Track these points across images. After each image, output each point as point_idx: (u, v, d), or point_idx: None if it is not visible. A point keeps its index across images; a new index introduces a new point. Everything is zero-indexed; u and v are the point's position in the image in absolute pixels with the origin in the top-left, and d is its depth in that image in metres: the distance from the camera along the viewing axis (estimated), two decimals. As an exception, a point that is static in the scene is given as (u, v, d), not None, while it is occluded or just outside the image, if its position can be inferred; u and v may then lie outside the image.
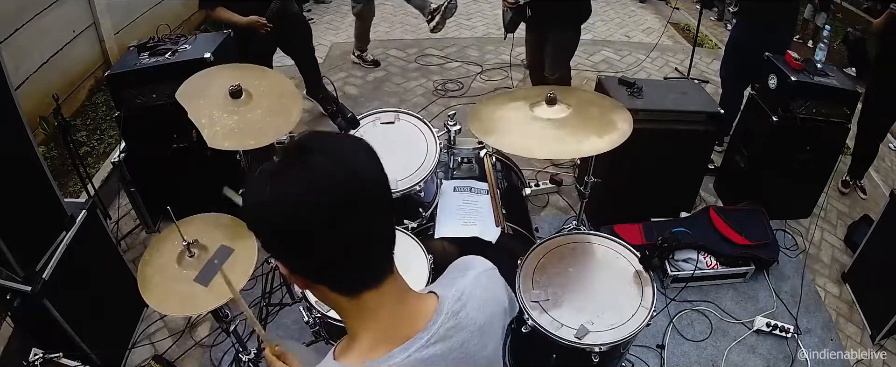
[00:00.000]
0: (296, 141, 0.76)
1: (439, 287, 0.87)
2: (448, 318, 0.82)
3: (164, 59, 2.66)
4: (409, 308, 0.82)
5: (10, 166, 1.95)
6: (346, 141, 0.79)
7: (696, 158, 3.01)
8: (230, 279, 1.03)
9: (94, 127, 3.93)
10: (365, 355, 0.77)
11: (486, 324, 0.88)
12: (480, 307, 0.88)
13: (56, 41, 3.88)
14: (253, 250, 1.83)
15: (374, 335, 0.79)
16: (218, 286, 1.71)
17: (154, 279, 1.74)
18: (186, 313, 2.23)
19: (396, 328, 0.79)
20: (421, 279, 1.86)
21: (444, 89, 4.60)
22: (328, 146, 0.74)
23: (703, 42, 5.67)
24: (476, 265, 0.95)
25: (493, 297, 0.93)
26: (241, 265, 1.78)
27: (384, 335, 0.78)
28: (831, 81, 2.87)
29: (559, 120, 1.96)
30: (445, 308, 0.82)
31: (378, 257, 0.78)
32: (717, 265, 2.82)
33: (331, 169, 0.70)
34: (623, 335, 1.76)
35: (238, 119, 1.99)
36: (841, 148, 3.09)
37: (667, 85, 3.51)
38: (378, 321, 0.79)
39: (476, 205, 2.21)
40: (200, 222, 1.90)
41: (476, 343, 0.85)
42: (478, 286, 0.90)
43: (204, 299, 1.70)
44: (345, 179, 0.71)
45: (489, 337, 0.90)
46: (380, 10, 6.39)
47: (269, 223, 0.72)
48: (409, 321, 0.80)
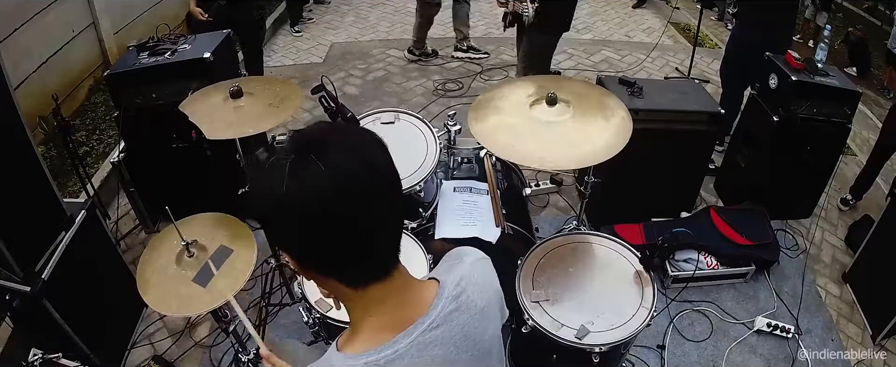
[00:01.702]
0: (309, 132, 0.75)
1: (438, 274, 0.88)
2: (449, 302, 0.83)
3: (163, 59, 2.65)
4: (413, 296, 0.83)
5: (9, 166, 1.95)
6: (361, 134, 0.78)
7: (697, 158, 3.01)
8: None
9: (93, 127, 3.92)
10: (369, 343, 0.78)
11: (486, 307, 0.90)
12: (479, 292, 0.89)
13: (55, 41, 3.87)
14: (252, 250, 1.83)
15: (378, 323, 0.79)
16: (220, 284, 1.70)
17: (153, 280, 1.74)
18: (186, 313, 2.23)
19: (400, 314, 0.80)
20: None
21: (444, 89, 4.59)
22: (344, 139, 0.73)
23: (704, 42, 5.67)
24: (471, 253, 0.97)
25: (489, 282, 0.95)
26: (240, 266, 1.78)
27: (388, 322, 0.79)
28: (832, 80, 2.87)
29: (560, 122, 1.94)
30: (446, 293, 0.83)
31: (388, 251, 0.79)
32: (718, 266, 2.81)
33: (348, 163, 0.70)
34: (623, 336, 1.75)
35: (238, 114, 1.99)
36: (841, 148, 3.09)
37: (667, 85, 3.51)
38: (382, 310, 0.79)
39: (476, 205, 2.20)
40: (200, 222, 1.90)
41: (476, 326, 0.86)
42: (475, 271, 0.91)
43: (203, 300, 1.70)
44: (361, 174, 0.70)
45: (489, 320, 0.91)
46: (380, 9, 6.41)
47: (282, 216, 0.71)
48: (412, 307, 0.81)
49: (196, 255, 1.78)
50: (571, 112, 1.94)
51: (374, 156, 0.74)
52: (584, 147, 1.85)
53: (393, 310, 0.80)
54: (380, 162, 0.74)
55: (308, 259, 0.76)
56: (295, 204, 0.69)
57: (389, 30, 5.86)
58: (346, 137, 0.75)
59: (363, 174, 0.70)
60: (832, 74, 2.92)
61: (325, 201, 0.68)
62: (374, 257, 0.77)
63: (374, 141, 0.76)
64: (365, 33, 5.78)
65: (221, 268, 1.73)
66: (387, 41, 5.54)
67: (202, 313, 1.72)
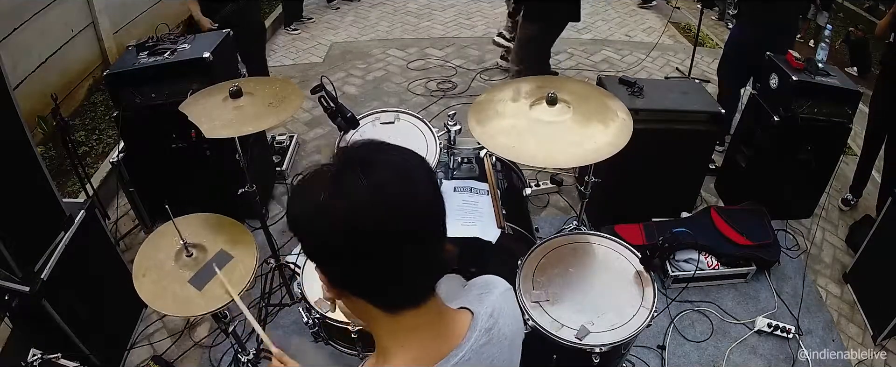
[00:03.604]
0: (356, 148, 0.74)
1: (469, 303, 0.87)
2: (482, 334, 0.82)
3: (162, 59, 2.64)
4: (445, 328, 0.81)
5: (8, 166, 1.94)
6: (409, 158, 0.76)
7: (697, 158, 3.00)
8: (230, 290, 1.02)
9: (92, 127, 3.92)
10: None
11: (514, 339, 0.90)
12: (508, 324, 0.88)
13: (54, 41, 3.86)
14: (252, 252, 1.82)
15: (408, 352, 0.77)
16: (215, 288, 1.70)
17: (152, 279, 1.73)
18: (185, 313, 2.22)
19: (432, 345, 0.78)
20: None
21: (444, 89, 4.59)
22: (392, 160, 0.72)
23: (704, 41, 5.66)
24: (499, 284, 0.95)
25: (517, 314, 0.95)
26: (241, 268, 1.77)
27: (420, 352, 0.77)
28: (833, 80, 2.87)
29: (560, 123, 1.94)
30: (479, 325, 0.82)
31: (423, 278, 0.77)
32: (718, 266, 2.81)
33: (395, 187, 0.69)
34: (624, 336, 1.75)
35: (237, 114, 1.98)
36: (842, 148, 3.08)
37: (668, 85, 3.51)
38: (414, 339, 0.78)
39: (476, 205, 2.20)
40: (199, 222, 1.89)
41: (504, 359, 0.86)
42: (506, 303, 0.90)
43: (203, 300, 1.69)
44: (404, 195, 0.69)
45: (515, 352, 0.91)
46: (380, 9, 6.41)
47: (320, 231, 0.70)
48: (444, 339, 0.80)
49: (195, 255, 1.77)
50: (571, 112, 1.93)
51: (419, 183, 0.72)
52: (585, 146, 1.84)
53: (425, 339, 0.78)
54: (422, 187, 0.72)
55: (337, 277, 0.75)
56: (333, 215, 0.68)
57: (389, 30, 5.86)
58: (394, 157, 0.74)
59: (406, 196, 0.69)
60: (833, 74, 2.91)
61: (363, 217, 0.67)
62: (406, 282, 0.75)
63: (421, 166, 0.75)
64: (365, 33, 5.78)
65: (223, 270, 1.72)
66: (387, 41, 5.54)
67: (204, 312, 1.71)
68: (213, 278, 1.70)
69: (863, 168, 3.39)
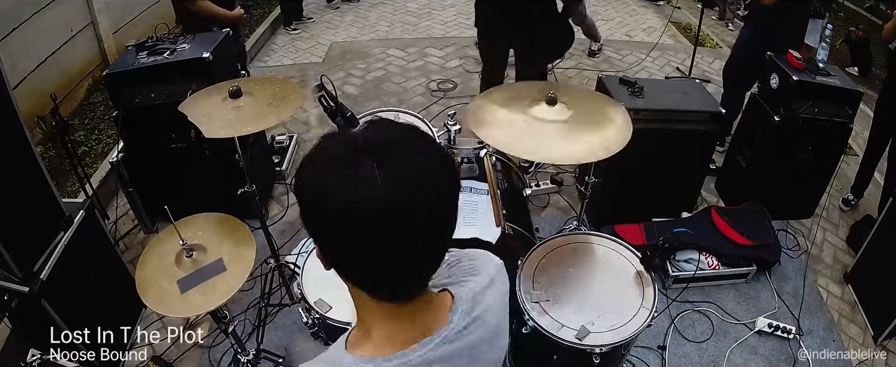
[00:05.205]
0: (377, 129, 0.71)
1: (454, 286, 0.86)
2: (462, 317, 0.81)
3: (162, 59, 2.64)
4: (427, 308, 0.80)
5: (7, 166, 1.94)
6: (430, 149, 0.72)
7: (698, 158, 3.00)
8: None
9: (92, 127, 3.91)
10: (380, 350, 0.76)
11: (498, 325, 0.89)
12: (494, 308, 0.87)
13: (54, 40, 3.86)
14: (251, 253, 1.82)
15: (390, 331, 0.77)
16: (215, 289, 1.69)
17: (152, 279, 1.73)
18: (185, 314, 2.22)
19: (413, 326, 0.78)
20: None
21: (444, 89, 4.58)
22: (411, 151, 0.69)
23: (705, 41, 5.65)
24: (487, 265, 0.93)
25: (502, 292, 0.93)
26: (239, 268, 1.77)
27: (400, 332, 0.77)
28: (833, 80, 2.86)
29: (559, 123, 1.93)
30: (460, 308, 0.82)
31: (421, 278, 0.76)
32: (719, 266, 2.80)
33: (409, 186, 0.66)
34: (624, 336, 1.75)
35: (237, 114, 1.98)
36: (843, 148, 3.08)
37: (668, 84, 3.50)
38: (396, 320, 0.78)
39: (476, 205, 2.19)
40: (199, 223, 1.89)
41: (488, 344, 0.85)
42: (492, 286, 0.89)
43: (202, 301, 1.69)
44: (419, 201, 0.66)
45: (501, 337, 0.90)
46: (380, 9, 6.40)
47: (321, 214, 0.68)
48: (424, 320, 0.79)
49: (194, 256, 1.77)
50: (571, 112, 1.93)
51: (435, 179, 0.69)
52: (586, 144, 1.84)
53: (407, 321, 0.78)
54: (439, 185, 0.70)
55: (332, 256, 0.73)
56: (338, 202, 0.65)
57: (389, 29, 5.85)
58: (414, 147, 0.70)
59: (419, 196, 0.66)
60: (833, 74, 2.91)
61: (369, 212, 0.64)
62: (401, 280, 0.74)
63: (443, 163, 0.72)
64: (365, 33, 5.77)
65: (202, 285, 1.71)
66: (386, 41, 5.53)
67: (203, 312, 1.71)
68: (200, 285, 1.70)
69: (865, 170, 3.38)
